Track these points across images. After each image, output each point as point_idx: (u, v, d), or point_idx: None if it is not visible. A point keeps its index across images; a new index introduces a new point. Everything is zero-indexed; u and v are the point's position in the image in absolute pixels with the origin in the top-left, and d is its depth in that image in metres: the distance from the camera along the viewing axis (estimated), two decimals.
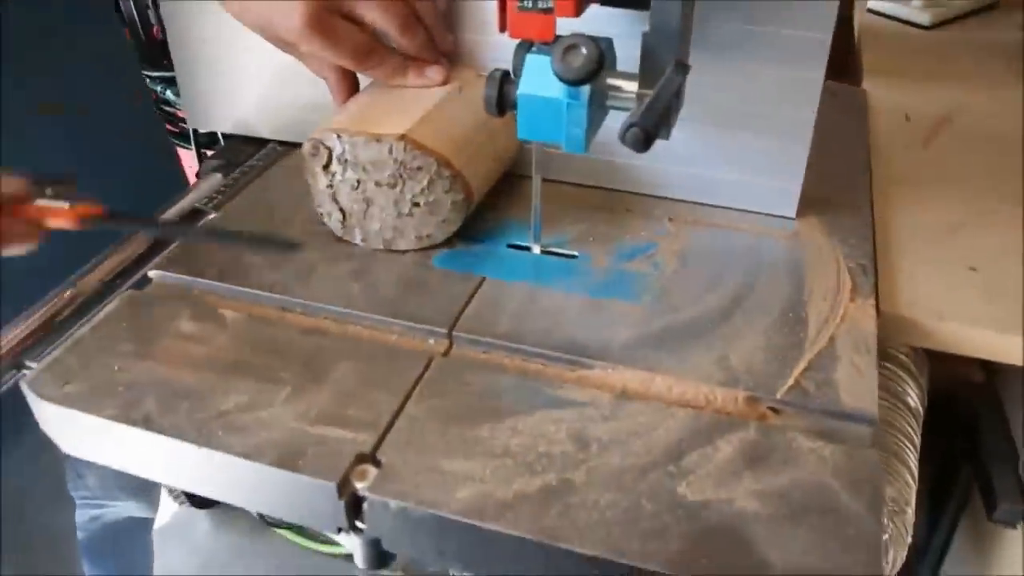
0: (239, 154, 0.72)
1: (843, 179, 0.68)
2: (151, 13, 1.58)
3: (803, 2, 0.55)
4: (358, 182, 0.57)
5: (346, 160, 0.57)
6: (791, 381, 0.49)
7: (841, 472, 0.44)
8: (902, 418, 0.63)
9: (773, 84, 0.58)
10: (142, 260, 0.62)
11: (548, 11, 0.49)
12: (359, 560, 0.49)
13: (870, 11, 1.01)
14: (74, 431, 0.49)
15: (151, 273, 0.59)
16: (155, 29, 1.60)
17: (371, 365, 0.50)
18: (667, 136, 0.51)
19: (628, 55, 0.51)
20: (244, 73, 0.70)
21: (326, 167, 0.58)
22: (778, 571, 0.39)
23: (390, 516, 0.43)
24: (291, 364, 0.50)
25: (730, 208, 0.64)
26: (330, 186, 0.58)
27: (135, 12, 1.57)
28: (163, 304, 0.55)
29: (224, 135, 0.75)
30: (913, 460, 0.61)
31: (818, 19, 0.55)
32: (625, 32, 0.52)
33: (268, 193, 0.67)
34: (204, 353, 0.51)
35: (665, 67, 0.48)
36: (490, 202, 0.64)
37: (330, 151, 0.57)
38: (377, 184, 0.57)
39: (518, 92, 0.51)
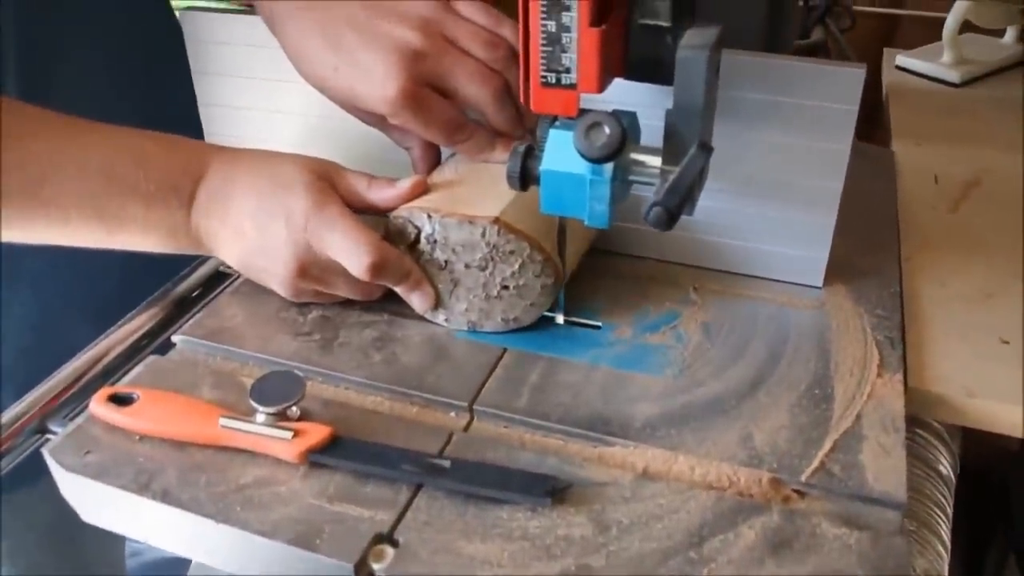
0: None
1: (871, 244, 0.67)
2: None
3: (830, 74, 0.55)
4: (446, 263, 0.56)
5: (435, 240, 0.56)
6: (816, 463, 0.48)
7: (867, 560, 0.43)
8: (934, 487, 0.61)
9: (800, 155, 0.58)
10: (167, 323, 0.62)
11: (572, 87, 0.49)
12: None
13: (898, 67, 1.01)
14: (94, 501, 0.49)
15: (175, 338, 0.59)
16: None
17: (391, 439, 0.50)
18: (691, 212, 0.51)
19: (654, 125, 0.51)
20: (273, 135, 0.71)
21: (413, 246, 0.57)
22: None
23: None
24: None
25: (757, 277, 0.63)
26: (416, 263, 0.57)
27: None
28: (184, 371, 0.56)
29: None
30: (945, 530, 0.59)
31: (845, 91, 0.55)
32: (650, 102, 0.52)
33: None
34: None
35: (689, 144, 0.48)
36: None
37: (419, 230, 0.56)
38: (467, 266, 0.56)
39: (541, 168, 0.51)
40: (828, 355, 0.56)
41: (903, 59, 1.01)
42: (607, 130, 0.47)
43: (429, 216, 0.55)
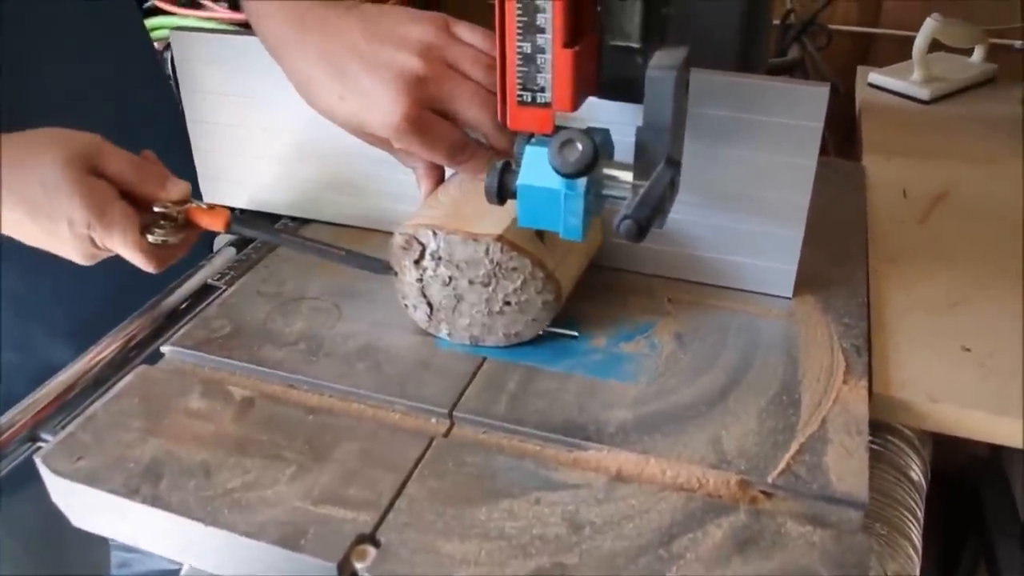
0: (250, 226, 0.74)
1: (840, 255, 0.70)
2: None
3: (795, 92, 0.58)
4: (450, 279, 0.58)
5: (439, 257, 0.57)
6: (782, 465, 0.50)
7: (829, 557, 0.45)
8: (905, 492, 0.63)
9: (768, 170, 0.60)
10: (157, 334, 0.64)
11: (547, 105, 0.51)
12: None
13: (871, 85, 1.04)
14: (84, 506, 0.51)
15: (164, 348, 0.61)
16: None
17: (373, 444, 0.52)
18: (661, 225, 0.53)
19: (627, 141, 0.52)
20: (260, 153, 0.73)
21: (417, 261, 0.58)
22: None
23: None
24: (295, 442, 0.52)
25: (729, 288, 0.66)
26: (420, 280, 0.59)
27: None
28: (174, 380, 0.57)
29: (240, 210, 0.77)
30: (916, 534, 0.61)
31: (810, 108, 0.57)
32: (623, 120, 0.54)
33: (280, 268, 0.69)
34: (212, 430, 0.53)
35: (658, 159, 0.50)
36: None
37: (423, 246, 0.57)
38: (470, 282, 0.57)
39: (517, 183, 0.53)
40: (796, 363, 0.58)
41: (875, 77, 1.03)
42: (580, 146, 0.49)
43: (434, 233, 0.57)
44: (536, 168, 0.53)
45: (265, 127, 0.72)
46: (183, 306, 0.67)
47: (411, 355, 0.59)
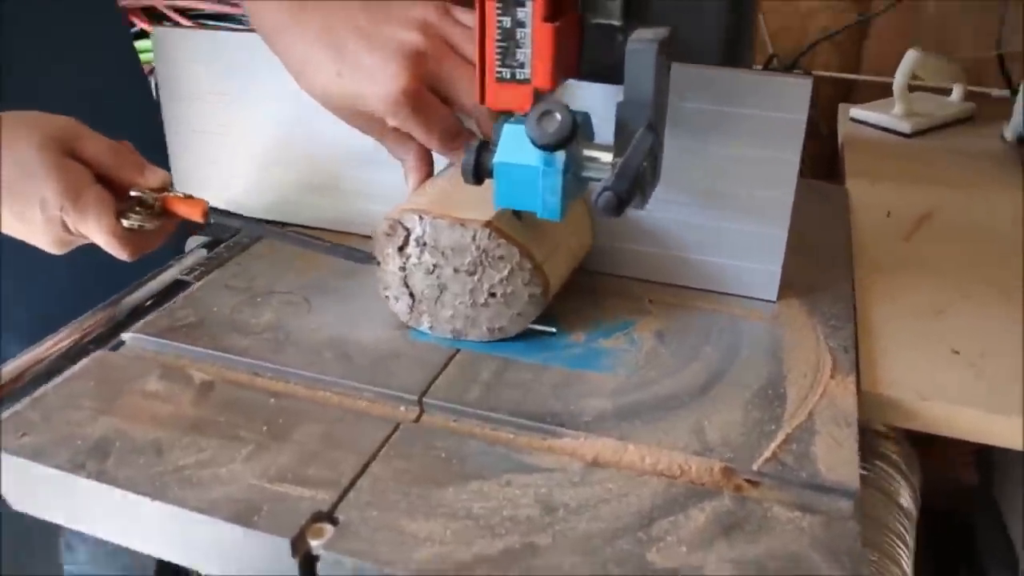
0: (225, 231, 0.72)
1: (825, 268, 0.68)
2: None
3: (778, 84, 0.57)
4: (434, 266, 0.56)
5: (424, 243, 0.55)
6: (768, 453, 0.48)
7: (819, 543, 0.42)
8: (895, 518, 0.60)
9: (751, 166, 0.59)
10: (118, 328, 0.61)
11: (525, 82, 0.50)
12: None
13: (853, 119, 1.05)
14: (26, 484, 0.47)
15: (125, 336, 0.58)
16: None
17: (337, 427, 0.49)
18: (641, 205, 0.52)
19: (609, 128, 0.52)
20: (236, 155, 0.72)
21: (401, 248, 0.56)
22: None
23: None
24: (255, 423, 0.49)
25: (711, 291, 0.64)
26: (403, 268, 0.57)
27: None
28: (132, 365, 0.55)
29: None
30: (907, 562, 0.58)
31: (793, 101, 0.57)
32: (604, 106, 0.53)
33: (252, 265, 0.67)
34: (168, 411, 0.50)
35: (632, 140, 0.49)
36: None
37: (408, 232, 0.56)
38: (455, 271, 0.55)
39: (494, 160, 0.52)
40: (781, 360, 0.56)
41: (857, 112, 1.04)
42: (558, 117, 0.48)
43: (420, 217, 0.55)
44: (514, 146, 0.51)
45: (243, 128, 0.71)
46: (148, 303, 0.65)
47: (382, 346, 0.57)
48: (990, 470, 0.85)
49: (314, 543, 0.42)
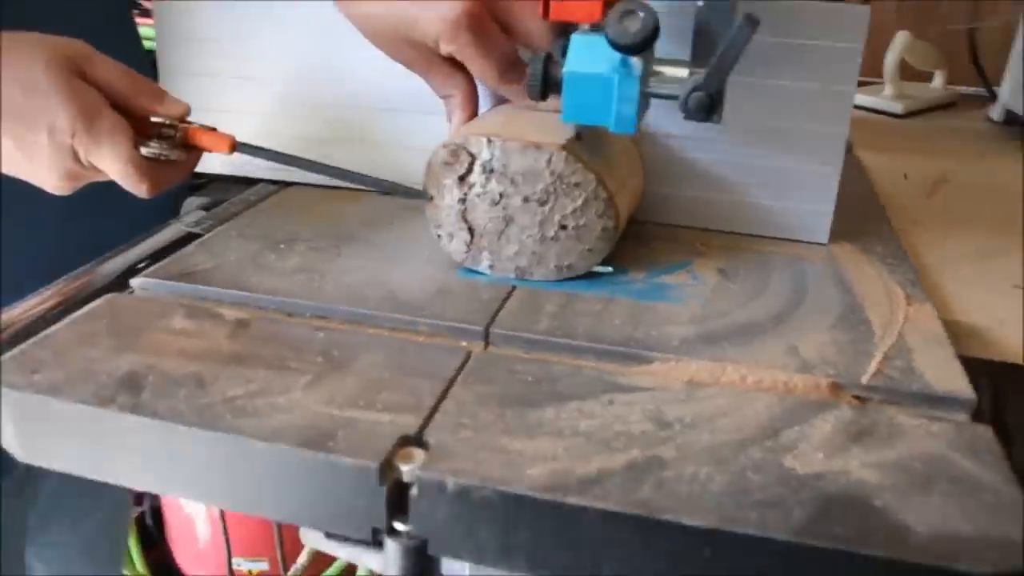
0: (226, 193, 0.66)
1: (864, 220, 0.66)
2: None
3: (834, 11, 0.55)
4: (500, 196, 0.51)
5: (492, 169, 0.50)
6: (874, 368, 0.44)
7: (958, 445, 0.38)
8: None
9: (803, 98, 0.57)
10: (125, 275, 0.54)
11: None
12: None
13: None
14: (39, 427, 0.40)
15: (133, 282, 0.51)
16: None
17: (402, 356, 0.44)
18: (718, 119, 0.49)
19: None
20: (238, 109, 0.66)
21: (463, 177, 0.51)
22: (923, 536, 0.33)
23: (446, 502, 0.35)
24: (307, 355, 0.43)
25: (760, 236, 0.61)
26: (463, 201, 0.52)
27: None
28: (150, 307, 0.48)
29: (211, 176, 0.70)
30: None
31: (849, 30, 0.55)
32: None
33: (264, 219, 0.61)
34: (203, 346, 0.44)
35: (718, 43, 0.46)
36: None
37: (473, 158, 0.50)
38: (525, 199, 0.50)
39: (564, 71, 0.48)
40: (851, 292, 0.53)
41: None
42: (642, 15, 0.45)
43: (489, 141, 0.50)
44: (584, 56, 0.48)
45: (247, 78, 0.66)
46: (141, 265, 0.58)
47: (429, 284, 0.52)
48: (1011, 442, 0.83)
49: (405, 468, 0.36)
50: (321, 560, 1.31)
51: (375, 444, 0.37)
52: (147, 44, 0.91)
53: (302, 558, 1.28)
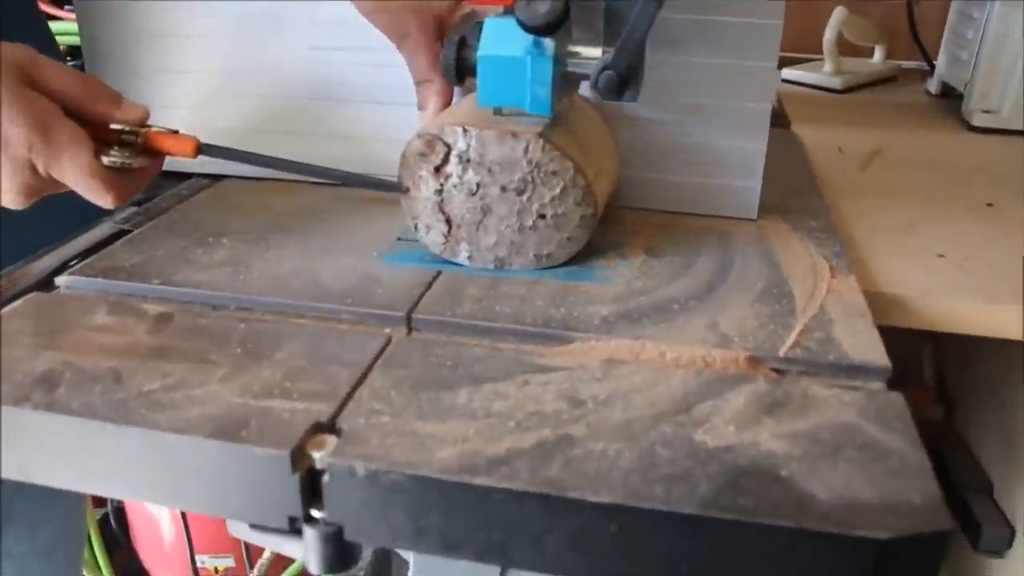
0: (158, 188, 0.66)
1: (794, 195, 0.67)
2: None
3: None
4: (478, 186, 0.50)
5: (468, 159, 0.50)
6: (791, 341, 0.45)
7: (868, 414, 0.39)
8: None
9: (727, 75, 0.58)
10: (51, 275, 0.54)
11: None
12: (314, 567, 0.40)
13: (785, 80, 1.06)
14: None
15: (59, 280, 0.51)
16: None
17: (322, 344, 0.44)
18: (635, 97, 0.49)
19: None
20: (165, 102, 0.66)
21: (439, 168, 0.50)
22: (826, 504, 0.33)
23: (357, 487, 0.35)
24: (227, 347, 0.43)
25: (693, 214, 0.62)
26: (439, 192, 0.51)
27: None
28: (74, 303, 0.48)
29: None
30: None
31: (769, 4, 0.55)
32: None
33: (195, 214, 0.61)
34: (123, 342, 0.44)
35: (628, 23, 0.47)
36: None
37: (448, 149, 0.50)
38: (502, 189, 0.50)
39: (478, 54, 0.48)
40: (778, 265, 0.54)
41: (788, 72, 1.06)
42: None
43: (465, 130, 0.49)
44: (497, 39, 0.48)
45: (174, 69, 0.65)
46: (71, 263, 0.57)
47: (355, 272, 0.52)
48: (952, 406, 0.85)
49: (317, 455, 0.36)
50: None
51: (287, 432, 0.37)
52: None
53: (267, 553, 1.27)
